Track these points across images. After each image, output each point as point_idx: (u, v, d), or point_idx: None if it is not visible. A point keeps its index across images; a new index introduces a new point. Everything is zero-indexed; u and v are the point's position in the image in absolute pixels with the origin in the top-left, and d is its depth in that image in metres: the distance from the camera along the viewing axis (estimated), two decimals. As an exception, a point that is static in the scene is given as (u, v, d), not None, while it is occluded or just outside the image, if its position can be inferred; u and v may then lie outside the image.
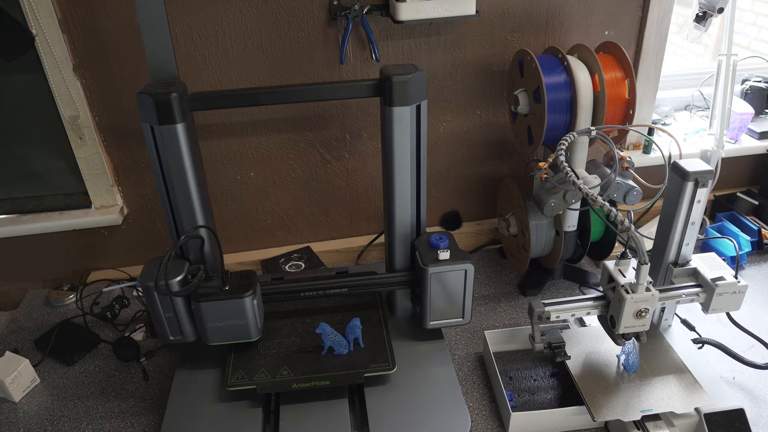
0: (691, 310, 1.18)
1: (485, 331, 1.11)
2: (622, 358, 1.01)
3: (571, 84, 1.10)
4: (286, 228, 1.44)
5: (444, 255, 0.99)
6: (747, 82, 1.56)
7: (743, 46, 2.10)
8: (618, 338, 0.94)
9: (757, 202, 1.50)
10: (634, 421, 0.93)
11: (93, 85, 1.19)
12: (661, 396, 0.95)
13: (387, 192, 1.05)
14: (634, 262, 0.93)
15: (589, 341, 1.07)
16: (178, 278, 0.94)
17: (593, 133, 1.02)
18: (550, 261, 1.29)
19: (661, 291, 0.95)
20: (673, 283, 0.99)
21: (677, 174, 0.93)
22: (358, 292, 1.09)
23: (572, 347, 1.05)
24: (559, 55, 1.13)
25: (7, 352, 1.14)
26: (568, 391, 1.03)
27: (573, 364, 1.02)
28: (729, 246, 1.37)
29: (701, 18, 1.26)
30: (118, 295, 1.29)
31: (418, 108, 0.97)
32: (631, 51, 1.34)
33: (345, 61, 1.23)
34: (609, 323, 0.95)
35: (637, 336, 0.94)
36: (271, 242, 1.45)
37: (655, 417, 0.93)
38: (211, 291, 0.95)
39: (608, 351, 1.05)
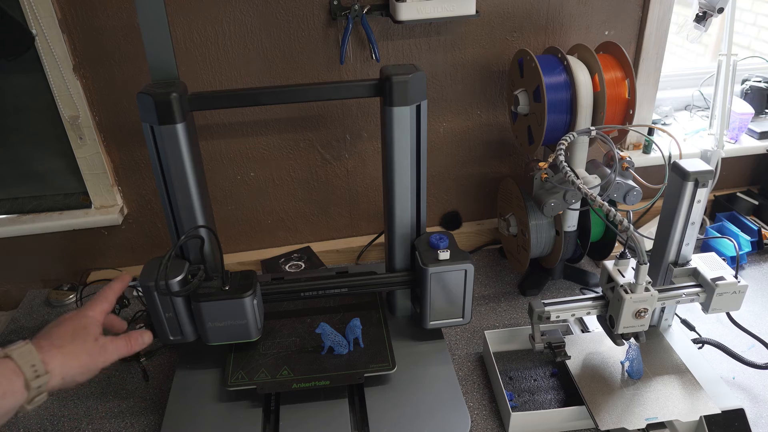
0: (691, 310, 1.18)
1: (485, 331, 1.11)
2: (626, 364, 1.01)
3: (571, 84, 1.10)
4: (286, 228, 1.44)
5: (444, 255, 0.99)
6: (747, 82, 1.56)
7: (743, 46, 2.10)
8: (617, 338, 0.94)
9: (757, 202, 1.50)
10: (634, 421, 0.93)
11: (93, 85, 1.19)
12: (665, 403, 0.95)
13: (387, 192, 1.05)
14: (633, 262, 0.93)
15: (590, 343, 1.07)
16: (178, 278, 0.94)
17: (593, 133, 1.02)
18: (550, 261, 1.29)
19: (661, 291, 0.94)
20: (673, 283, 0.99)
21: (677, 174, 0.93)
22: (358, 292, 1.09)
23: (573, 349, 1.05)
24: (559, 55, 1.13)
25: (7, 352, 1.14)
26: (568, 391, 1.02)
27: (574, 366, 1.02)
28: (729, 246, 1.36)
29: (701, 18, 1.26)
30: (118, 295, 1.28)
31: (418, 108, 0.97)
32: (631, 51, 1.34)
33: (345, 61, 1.23)
34: (608, 323, 0.95)
35: (636, 336, 0.94)
36: (271, 242, 1.45)
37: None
38: (211, 291, 0.95)
39: (609, 353, 1.05)
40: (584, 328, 1.14)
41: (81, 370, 0.70)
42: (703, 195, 0.93)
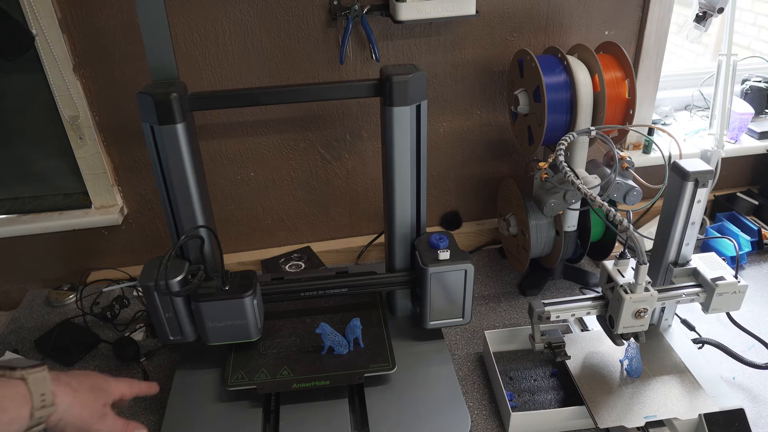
0: (691, 310, 1.18)
1: (485, 331, 1.11)
2: (625, 363, 1.01)
3: (571, 84, 1.10)
4: (286, 228, 1.44)
5: (444, 255, 0.99)
6: (747, 82, 1.56)
7: (743, 46, 2.10)
8: (617, 338, 0.94)
9: (757, 202, 1.50)
10: (634, 421, 0.93)
11: (93, 85, 1.19)
12: (665, 401, 0.95)
13: (387, 192, 1.05)
14: (633, 262, 0.93)
15: (590, 342, 1.07)
16: (178, 278, 0.94)
17: (593, 133, 1.02)
18: (550, 261, 1.29)
19: (661, 291, 0.94)
20: (673, 283, 0.99)
21: (677, 174, 0.93)
22: (358, 292, 1.09)
23: (573, 349, 1.05)
24: (559, 55, 1.13)
25: (7, 352, 1.14)
26: (568, 391, 1.02)
27: (573, 365, 1.02)
28: (729, 246, 1.36)
29: (701, 18, 1.26)
30: (118, 295, 1.28)
31: (418, 108, 0.97)
32: (631, 51, 1.34)
33: (345, 61, 1.23)
34: (608, 323, 0.95)
35: (635, 336, 0.94)
36: (271, 242, 1.45)
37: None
38: (211, 291, 0.95)
39: (609, 352, 1.05)
40: (584, 327, 1.14)
41: (78, 421, 0.70)
42: (703, 195, 0.93)
